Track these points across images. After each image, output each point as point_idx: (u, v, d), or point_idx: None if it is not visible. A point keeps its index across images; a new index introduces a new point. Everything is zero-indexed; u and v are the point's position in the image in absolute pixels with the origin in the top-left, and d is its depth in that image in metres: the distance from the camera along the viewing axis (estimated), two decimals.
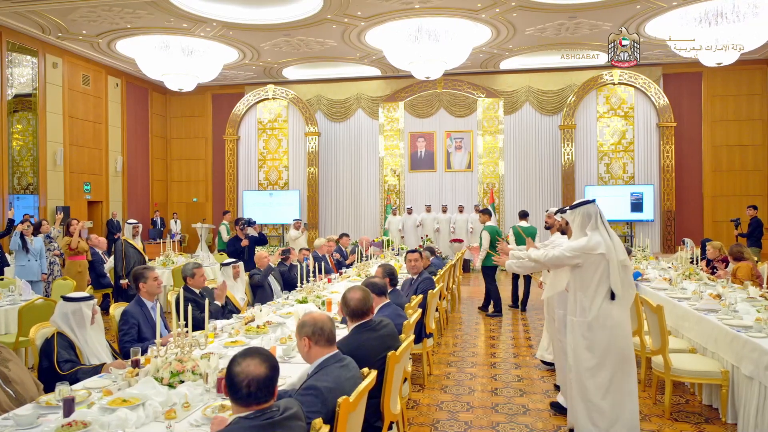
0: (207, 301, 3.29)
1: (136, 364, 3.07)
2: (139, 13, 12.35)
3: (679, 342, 5.03)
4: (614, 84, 16.42)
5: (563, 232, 5.08)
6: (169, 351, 2.99)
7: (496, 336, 7.45)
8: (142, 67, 14.66)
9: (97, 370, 3.39)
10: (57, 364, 3.39)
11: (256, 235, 10.05)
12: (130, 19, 12.70)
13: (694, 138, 16.43)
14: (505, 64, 16.59)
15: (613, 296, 3.76)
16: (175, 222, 18.35)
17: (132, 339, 3.99)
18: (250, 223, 10.18)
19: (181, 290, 3.34)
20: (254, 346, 2.14)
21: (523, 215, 9.43)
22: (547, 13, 12.48)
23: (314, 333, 2.68)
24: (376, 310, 4.86)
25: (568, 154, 16.54)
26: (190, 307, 3.31)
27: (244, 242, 9.48)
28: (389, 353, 2.96)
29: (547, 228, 5.86)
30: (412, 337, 3.47)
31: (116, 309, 4.30)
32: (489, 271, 8.90)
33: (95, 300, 3.68)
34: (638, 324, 5.04)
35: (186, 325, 3.05)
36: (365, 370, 2.72)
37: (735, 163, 16.24)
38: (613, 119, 16.57)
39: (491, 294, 8.98)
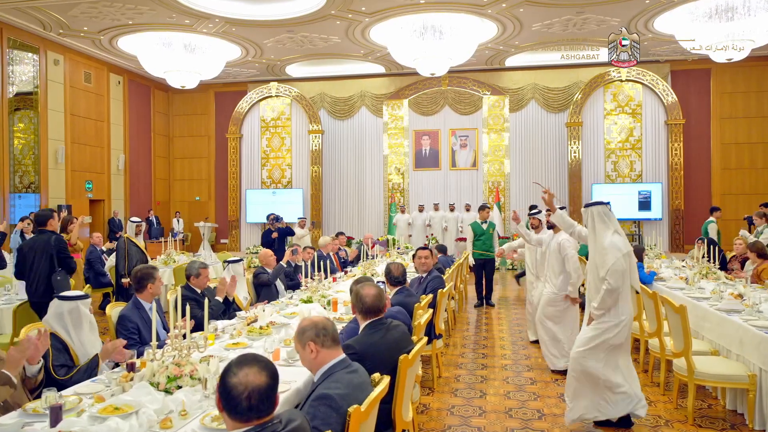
0: (207, 301, 3.08)
1: (131, 367, 2.88)
2: (141, 9, 12.17)
3: (699, 343, 4.80)
4: (621, 81, 16.19)
5: (550, 227, 5.80)
6: (166, 354, 2.80)
7: (505, 337, 7.24)
8: (144, 64, 14.50)
9: (92, 363, 3.22)
10: (52, 368, 3.21)
11: (283, 228, 11.52)
12: (131, 15, 12.53)
13: (703, 135, 16.19)
14: (510, 61, 16.37)
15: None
16: (178, 221, 18.20)
17: (134, 344, 3.79)
18: (278, 219, 11.50)
19: (179, 290, 3.15)
20: (250, 353, 1.93)
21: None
22: (554, 8, 12.28)
23: (318, 335, 2.48)
24: (392, 293, 4.70)
25: (574, 152, 16.32)
26: (188, 307, 3.13)
27: (275, 234, 10.78)
28: (401, 357, 2.76)
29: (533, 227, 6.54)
30: (425, 339, 3.27)
31: (113, 309, 4.11)
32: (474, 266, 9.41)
33: (90, 299, 3.50)
34: (657, 325, 4.83)
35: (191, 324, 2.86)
36: (376, 375, 2.52)
37: (744, 161, 16.01)
38: (620, 116, 16.34)
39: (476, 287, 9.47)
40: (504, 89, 16.95)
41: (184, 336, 2.98)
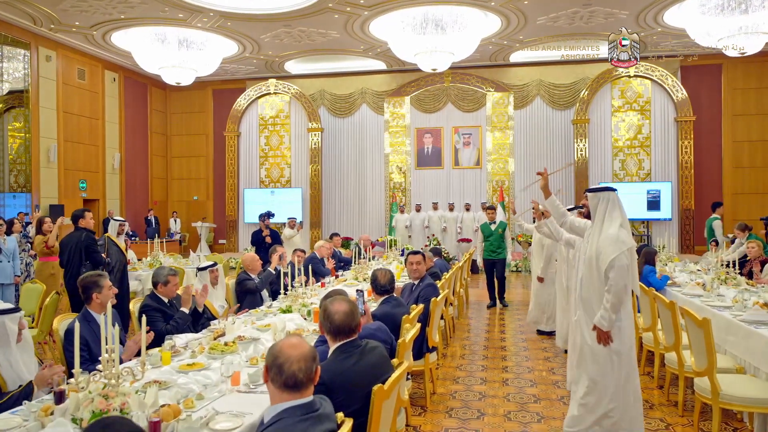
0: (144, 319, 2.63)
1: (60, 397, 2.43)
2: (132, 2, 11.79)
3: (722, 359, 4.27)
4: (630, 77, 15.68)
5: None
6: (96, 381, 2.35)
7: (507, 347, 6.77)
8: (138, 60, 14.12)
9: (25, 392, 2.76)
10: None
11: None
12: (123, 9, 12.15)
13: (714, 133, 15.68)
14: (515, 57, 15.90)
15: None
16: (175, 221, 17.83)
17: (83, 362, 3.35)
18: (269, 215, 11.28)
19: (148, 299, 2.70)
20: (116, 416, 1.45)
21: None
22: (560, 0, 11.79)
23: (270, 368, 1.97)
24: (378, 304, 4.24)
25: (581, 151, 15.83)
26: (144, 319, 2.70)
27: (265, 231, 10.25)
28: (375, 388, 2.30)
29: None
30: (406, 364, 2.81)
31: (60, 323, 3.67)
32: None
33: (22, 312, 3.05)
34: (675, 338, 4.35)
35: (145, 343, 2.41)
36: (340, 415, 2.07)
37: (756, 159, 15.49)
38: (628, 113, 15.84)
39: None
40: (508, 86, 16.47)
41: (143, 350, 2.55)
